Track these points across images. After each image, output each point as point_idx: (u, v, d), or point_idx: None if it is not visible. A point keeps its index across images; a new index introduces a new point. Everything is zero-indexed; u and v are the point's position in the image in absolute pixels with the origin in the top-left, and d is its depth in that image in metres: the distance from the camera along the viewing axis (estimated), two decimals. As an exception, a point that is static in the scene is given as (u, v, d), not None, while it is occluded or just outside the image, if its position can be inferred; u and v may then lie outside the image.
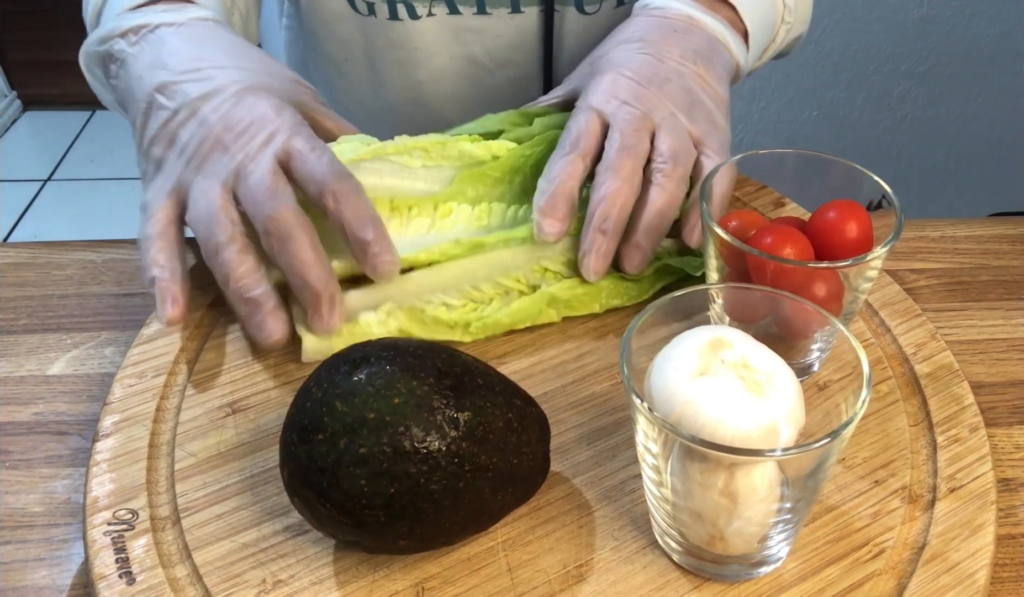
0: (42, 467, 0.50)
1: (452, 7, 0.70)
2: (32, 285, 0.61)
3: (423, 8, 0.70)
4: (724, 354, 0.38)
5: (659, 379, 0.39)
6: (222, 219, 0.50)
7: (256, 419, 0.50)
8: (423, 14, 0.70)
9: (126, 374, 0.52)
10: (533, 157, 0.58)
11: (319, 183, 0.50)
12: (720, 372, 0.38)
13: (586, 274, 0.54)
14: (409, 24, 0.71)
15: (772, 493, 0.39)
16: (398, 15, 0.70)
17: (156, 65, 0.55)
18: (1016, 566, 0.44)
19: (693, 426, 0.37)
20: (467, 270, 0.55)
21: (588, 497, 0.45)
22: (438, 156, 0.57)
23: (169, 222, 0.52)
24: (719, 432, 0.36)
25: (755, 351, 0.39)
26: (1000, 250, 0.62)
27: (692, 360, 0.38)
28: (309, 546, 0.43)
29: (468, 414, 0.39)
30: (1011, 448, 0.50)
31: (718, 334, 0.39)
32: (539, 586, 0.42)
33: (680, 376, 0.38)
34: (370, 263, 0.51)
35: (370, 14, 0.71)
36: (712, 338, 0.39)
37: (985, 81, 1.71)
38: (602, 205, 0.53)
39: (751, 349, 0.39)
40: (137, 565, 0.42)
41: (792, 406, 0.38)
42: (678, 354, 0.39)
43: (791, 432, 0.38)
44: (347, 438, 0.38)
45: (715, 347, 0.39)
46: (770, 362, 0.39)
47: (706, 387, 0.37)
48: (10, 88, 2.51)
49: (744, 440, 0.36)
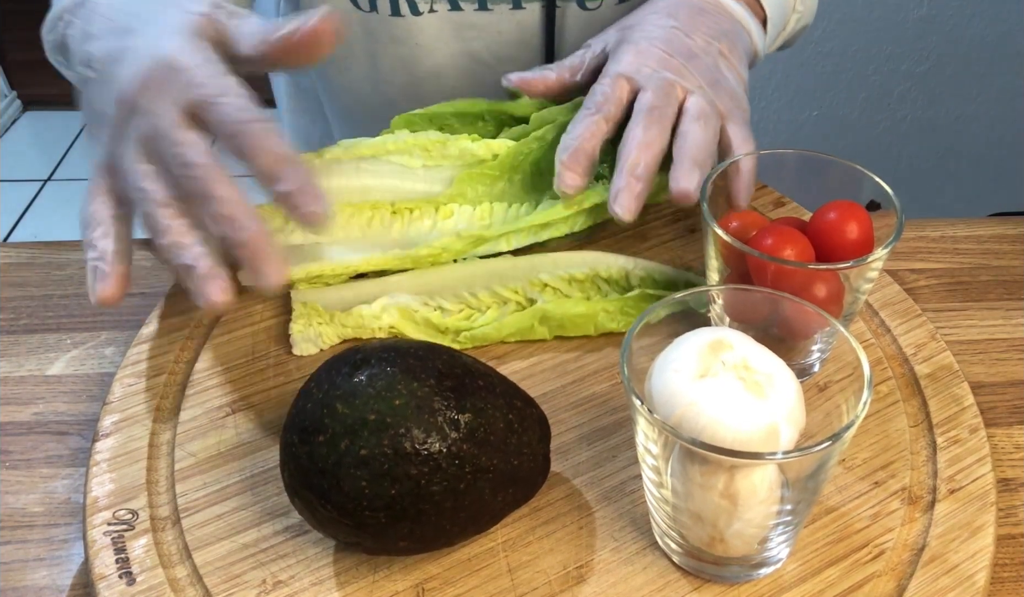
0: (42, 467, 0.50)
1: (454, 3, 0.70)
2: (32, 285, 0.61)
3: (425, 4, 0.70)
4: (725, 356, 0.38)
5: (659, 381, 0.39)
6: (142, 185, 0.47)
7: (256, 419, 0.50)
8: (425, 10, 0.70)
9: (126, 374, 0.52)
10: (532, 155, 0.58)
11: (229, 128, 0.45)
12: (721, 373, 0.38)
13: (619, 212, 0.53)
14: (411, 20, 0.71)
15: (772, 495, 0.39)
16: (400, 11, 0.70)
17: (85, 36, 0.53)
18: (1016, 566, 0.44)
19: (694, 428, 0.37)
20: (465, 275, 0.55)
21: (588, 498, 0.45)
22: (439, 155, 0.57)
23: (103, 200, 0.50)
24: (719, 434, 0.36)
25: (755, 352, 0.39)
26: (1000, 250, 0.62)
27: (692, 362, 0.38)
28: (309, 546, 0.43)
29: (469, 416, 0.39)
30: (1011, 448, 0.50)
31: (718, 335, 0.39)
32: (539, 587, 0.42)
33: (681, 378, 0.38)
34: (294, 214, 0.46)
35: (372, 10, 0.71)
36: (712, 339, 0.39)
37: (985, 81, 1.71)
38: (633, 152, 0.54)
39: (751, 350, 0.39)
40: (137, 565, 0.42)
41: (792, 407, 0.38)
42: (679, 356, 0.39)
43: (792, 433, 0.38)
44: (348, 439, 0.38)
45: (715, 348, 0.39)
46: (770, 363, 0.39)
47: (707, 389, 0.37)
48: (10, 88, 2.51)
49: (745, 442, 0.36)
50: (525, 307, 0.54)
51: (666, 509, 0.41)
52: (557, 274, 0.55)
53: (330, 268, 0.54)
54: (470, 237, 0.54)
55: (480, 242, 0.55)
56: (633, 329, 0.40)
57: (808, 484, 0.38)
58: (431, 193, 0.57)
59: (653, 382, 0.39)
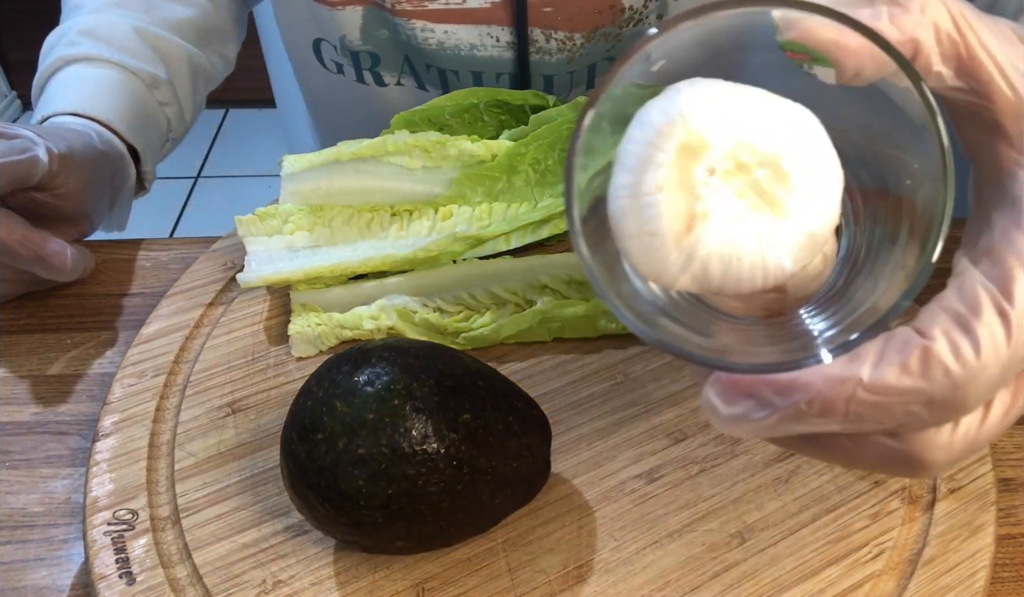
0: (42, 467, 0.50)
1: (420, 83, 0.69)
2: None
3: (391, 78, 0.70)
4: (705, 163, 0.25)
5: (630, 243, 0.26)
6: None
7: (256, 419, 0.50)
8: (391, 83, 0.70)
9: (126, 374, 0.52)
10: (529, 155, 0.58)
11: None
12: (710, 200, 0.25)
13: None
14: (376, 89, 0.71)
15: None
16: (364, 80, 0.70)
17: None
18: (1016, 566, 0.44)
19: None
20: (464, 276, 0.54)
21: (588, 497, 0.45)
22: (438, 156, 0.57)
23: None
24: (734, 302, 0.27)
25: (748, 129, 0.25)
26: (1000, 250, 0.62)
27: (664, 207, 0.25)
28: (309, 546, 0.43)
29: (467, 417, 0.39)
30: (1011, 448, 0.50)
31: (681, 128, 0.25)
32: (539, 587, 0.42)
33: (656, 241, 0.25)
34: (46, 267, 0.56)
35: (338, 73, 0.71)
36: (678, 143, 0.25)
37: (985, 81, 1.71)
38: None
39: (740, 130, 0.25)
40: (137, 565, 0.42)
41: (830, 191, 0.25)
42: (638, 191, 0.25)
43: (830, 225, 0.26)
44: (346, 438, 0.38)
45: (687, 155, 0.25)
46: (778, 135, 0.25)
47: (700, 241, 0.25)
48: (10, 88, 2.51)
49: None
50: (524, 309, 0.54)
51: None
52: (556, 275, 0.55)
53: (328, 269, 0.54)
54: (468, 238, 0.54)
55: (478, 243, 0.55)
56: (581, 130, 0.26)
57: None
58: (431, 194, 0.57)
59: (622, 240, 0.26)
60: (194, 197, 2.08)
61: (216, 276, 0.58)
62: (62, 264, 0.56)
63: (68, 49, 0.67)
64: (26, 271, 0.57)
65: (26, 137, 0.55)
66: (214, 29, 0.76)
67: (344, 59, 0.69)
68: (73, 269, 0.57)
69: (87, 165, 0.59)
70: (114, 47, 0.67)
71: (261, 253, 0.55)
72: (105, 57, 0.67)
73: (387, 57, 0.68)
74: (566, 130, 0.57)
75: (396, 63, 0.68)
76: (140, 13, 0.71)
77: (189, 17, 0.73)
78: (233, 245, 0.59)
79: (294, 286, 0.55)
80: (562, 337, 0.54)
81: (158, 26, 0.71)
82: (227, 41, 0.78)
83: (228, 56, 0.79)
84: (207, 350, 0.53)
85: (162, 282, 0.60)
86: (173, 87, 0.71)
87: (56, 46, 0.68)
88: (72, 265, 0.57)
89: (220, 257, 0.59)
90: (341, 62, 0.69)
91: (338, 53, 0.68)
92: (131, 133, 0.66)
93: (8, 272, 0.57)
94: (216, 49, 0.77)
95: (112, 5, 0.70)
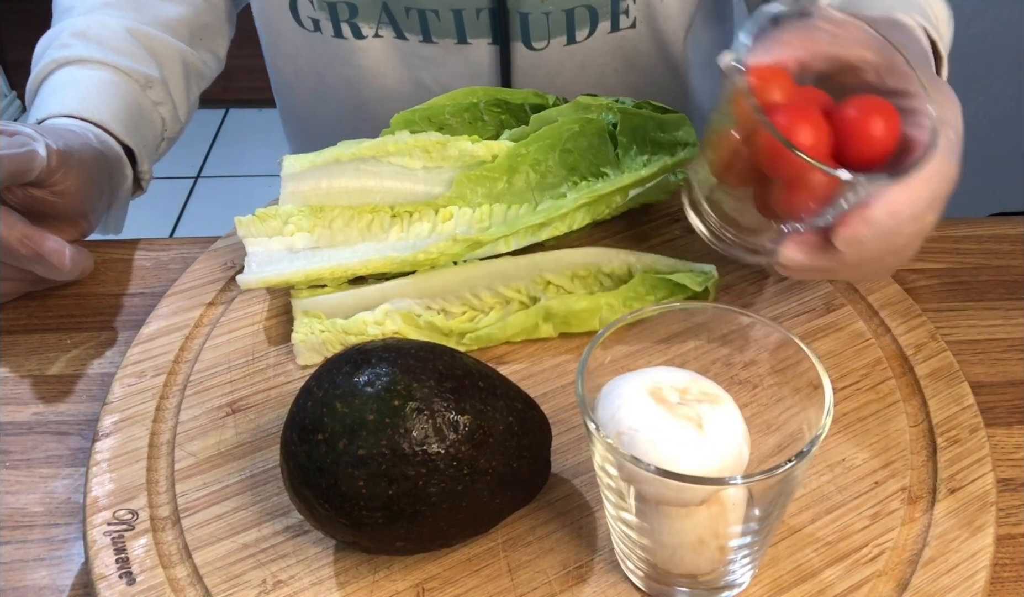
0: (42, 467, 0.50)
1: (399, 31, 0.69)
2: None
3: (369, 29, 0.69)
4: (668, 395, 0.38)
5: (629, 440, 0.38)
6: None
7: (256, 419, 0.50)
8: (369, 34, 0.70)
9: (126, 374, 0.52)
10: (530, 156, 0.58)
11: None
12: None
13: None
14: (355, 43, 0.71)
15: (737, 516, 0.38)
16: (342, 33, 0.70)
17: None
18: (1016, 566, 0.44)
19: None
20: (468, 277, 0.54)
21: (588, 498, 0.45)
22: (439, 157, 0.57)
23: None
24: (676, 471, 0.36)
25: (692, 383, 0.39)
26: (1000, 250, 0.62)
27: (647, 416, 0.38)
28: (309, 546, 0.43)
29: (468, 418, 0.39)
30: (1011, 448, 0.50)
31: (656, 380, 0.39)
32: (539, 587, 0.42)
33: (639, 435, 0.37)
34: (45, 265, 0.56)
35: (315, 30, 0.71)
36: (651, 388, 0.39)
37: (985, 81, 1.71)
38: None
39: (692, 383, 0.39)
40: (137, 565, 0.42)
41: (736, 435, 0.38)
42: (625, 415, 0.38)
43: (742, 459, 0.38)
44: (346, 439, 0.38)
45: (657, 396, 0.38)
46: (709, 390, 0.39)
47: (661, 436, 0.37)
48: (10, 88, 2.51)
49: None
50: (528, 306, 0.54)
51: (628, 532, 0.40)
52: (560, 271, 0.55)
53: (329, 271, 0.54)
54: (467, 241, 0.54)
55: (478, 246, 0.55)
56: (586, 357, 0.40)
57: (774, 505, 0.38)
58: (431, 194, 0.57)
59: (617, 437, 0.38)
60: (194, 197, 2.07)
61: (216, 276, 0.58)
62: (61, 262, 0.56)
63: (60, 51, 0.67)
64: (25, 270, 0.57)
65: (25, 133, 0.55)
66: (206, 27, 0.75)
67: (321, 13, 0.69)
68: (72, 268, 0.57)
69: (85, 164, 0.59)
70: (106, 48, 0.67)
71: (261, 254, 0.55)
72: (98, 58, 0.67)
73: (365, 6, 0.68)
74: (566, 131, 0.57)
75: (374, 12, 0.68)
76: (131, 13, 0.71)
77: (181, 16, 0.73)
78: (233, 245, 0.59)
79: (295, 291, 0.55)
80: (568, 332, 0.54)
81: (150, 25, 0.71)
82: (218, 39, 0.78)
83: (219, 54, 0.79)
84: (207, 350, 0.53)
85: (162, 282, 0.60)
86: (166, 86, 0.71)
87: (48, 49, 0.68)
88: (71, 264, 0.57)
89: (220, 257, 0.59)
90: (318, 17, 0.69)
91: (315, 7, 0.68)
92: (126, 133, 0.66)
93: (7, 271, 0.57)
94: (208, 47, 0.77)
95: (103, 6, 0.70)
